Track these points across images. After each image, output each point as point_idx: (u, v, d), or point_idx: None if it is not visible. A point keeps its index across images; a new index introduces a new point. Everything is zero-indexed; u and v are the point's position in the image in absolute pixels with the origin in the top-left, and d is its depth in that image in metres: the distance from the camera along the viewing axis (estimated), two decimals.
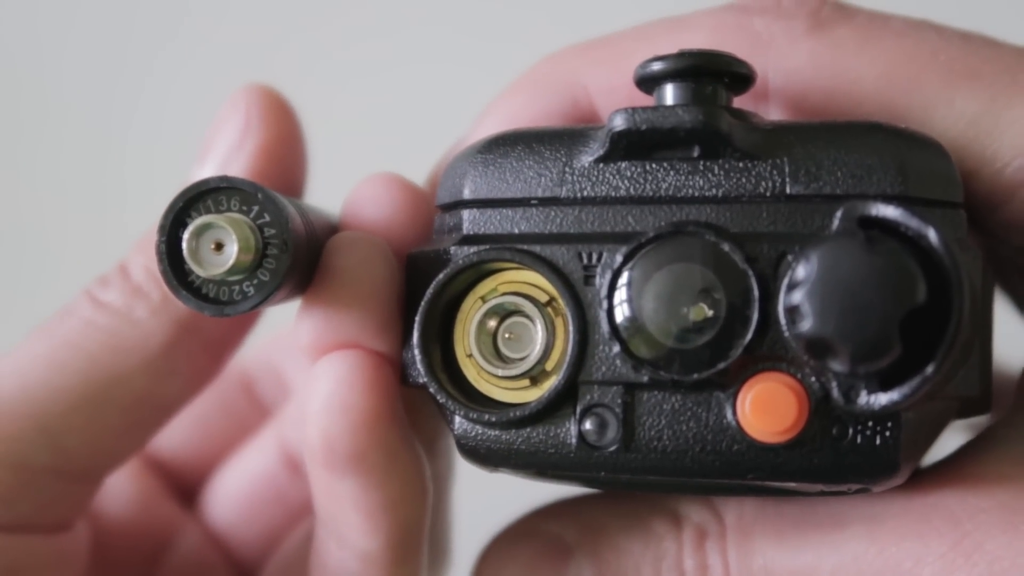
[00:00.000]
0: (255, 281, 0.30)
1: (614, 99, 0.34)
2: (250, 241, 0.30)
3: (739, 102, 0.32)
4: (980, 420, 0.34)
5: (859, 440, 0.28)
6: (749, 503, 0.33)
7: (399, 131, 0.63)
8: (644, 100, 0.32)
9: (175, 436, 0.44)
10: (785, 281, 0.27)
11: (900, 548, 0.30)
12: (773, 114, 0.34)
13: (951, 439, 0.32)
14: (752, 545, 0.32)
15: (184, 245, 0.30)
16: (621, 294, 0.29)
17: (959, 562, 0.29)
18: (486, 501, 0.45)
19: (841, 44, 0.32)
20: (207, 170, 0.35)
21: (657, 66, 0.30)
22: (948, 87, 0.31)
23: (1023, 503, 0.30)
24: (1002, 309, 0.37)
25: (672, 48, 0.31)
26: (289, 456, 0.43)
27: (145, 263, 0.34)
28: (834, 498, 0.33)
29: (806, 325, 0.26)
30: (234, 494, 0.44)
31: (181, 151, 0.37)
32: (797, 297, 0.26)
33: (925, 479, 0.31)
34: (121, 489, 0.42)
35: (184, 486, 0.45)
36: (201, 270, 0.30)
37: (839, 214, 0.27)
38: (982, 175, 0.31)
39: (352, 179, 0.34)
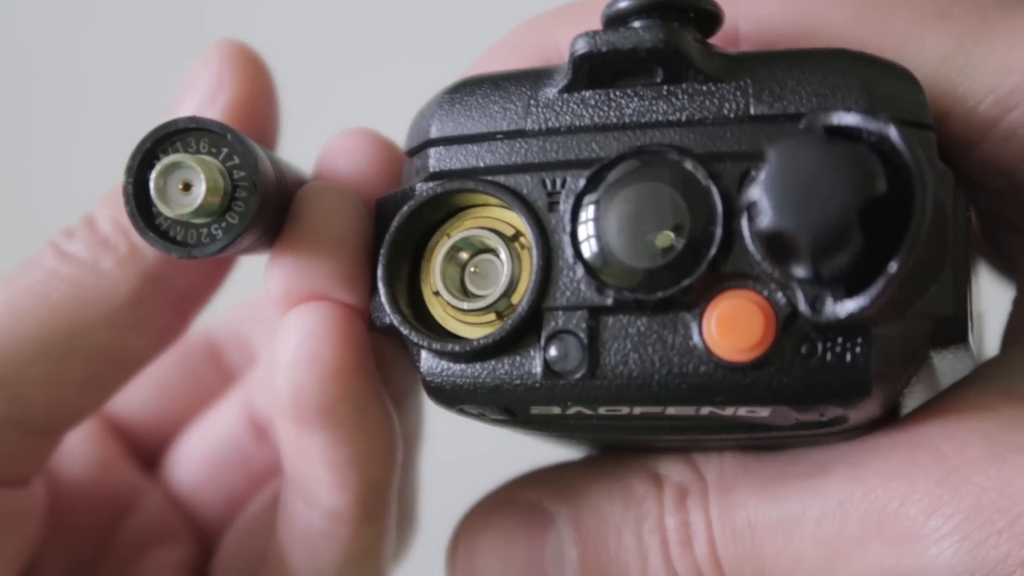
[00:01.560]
0: (223, 224, 0.30)
1: None
2: (219, 183, 0.30)
3: None
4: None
5: (828, 357, 0.27)
6: (730, 459, 0.32)
7: (385, 112, 0.64)
8: None
9: (138, 400, 0.43)
10: (745, 193, 0.27)
11: (886, 489, 0.29)
12: None
13: None
14: (734, 500, 0.31)
15: (152, 184, 0.30)
16: (584, 216, 0.28)
17: (946, 497, 0.28)
18: (458, 471, 0.44)
19: None
20: None
21: (623, 4, 0.30)
22: (919, 27, 0.31)
23: (1008, 433, 0.29)
24: (1001, 301, 0.36)
25: None
26: (255, 421, 0.43)
27: (112, 214, 0.33)
28: (817, 448, 0.32)
29: (765, 220, 0.26)
30: (197, 457, 0.43)
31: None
32: (755, 193, 0.26)
33: (909, 420, 0.30)
34: (80, 451, 0.41)
35: (146, 451, 0.44)
36: (168, 210, 0.29)
37: (800, 125, 0.27)
38: (956, 114, 0.31)
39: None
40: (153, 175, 0.29)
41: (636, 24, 0.30)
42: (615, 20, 0.31)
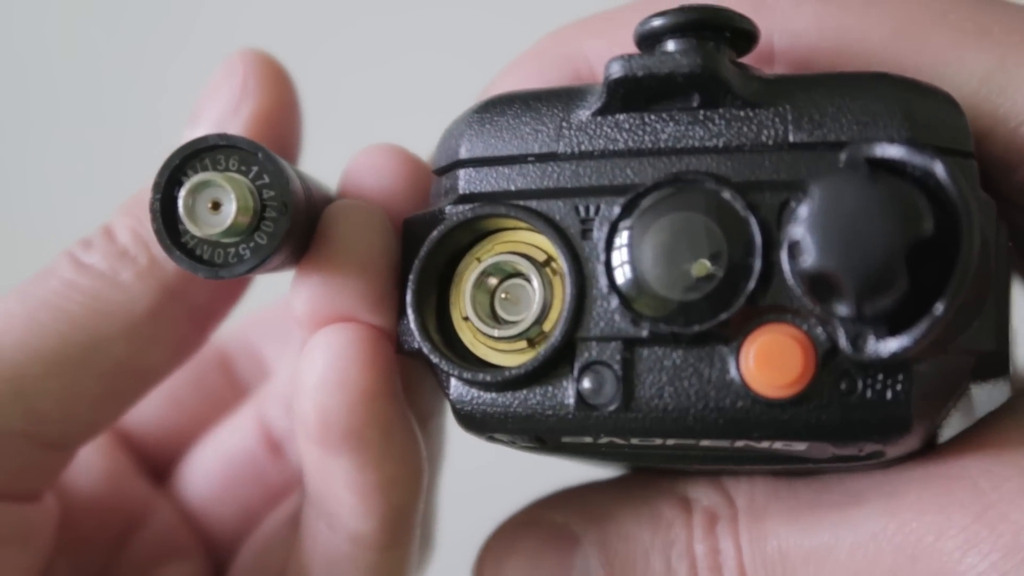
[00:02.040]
0: (251, 244, 0.29)
1: None
2: (248, 201, 0.29)
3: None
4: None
5: (868, 394, 0.27)
6: (760, 484, 0.32)
7: (397, 111, 0.63)
8: None
9: (148, 412, 0.43)
10: (787, 226, 0.26)
11: (921, 522, 0.29)
12: None
13: None
14: (765, 527, 0.31)
15: (180, 202, 0.29)
16: (619, 245, 0.28)
17: (983, 534, 0.28)
18: (477, 489, 0.44)
19: (846, 4, 0.32)
20: (200, 132, 0.35)
21: (657, 22, 0.30)
22: (958, 46, 0.31)
23: None
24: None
25: None
26: (269, 435, 0.42)
27: (132, 225, 0.33)
28: (850, 475, 0.31)
29: (808, 260, 0.25)
30: (210, 472, 0.43)
31: (174, 132, 0.36)
32: (798, 232, 0.25)
33: (945, 451, 0.30)
34: (91, 464, 0.40)
35: (156, 464, 0.44)
36: (197, 229, 0.29)
37: (842, 156, 0.26)
38: (996, 135, 0.30)
39: (348, 156, 0.34)
40: (182, 192, 0.29)
41: (672, 46, 0.29)
42: (649, 39, 0.30)
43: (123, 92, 0.77)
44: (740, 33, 0.30)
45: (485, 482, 0.33)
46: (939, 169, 0.25)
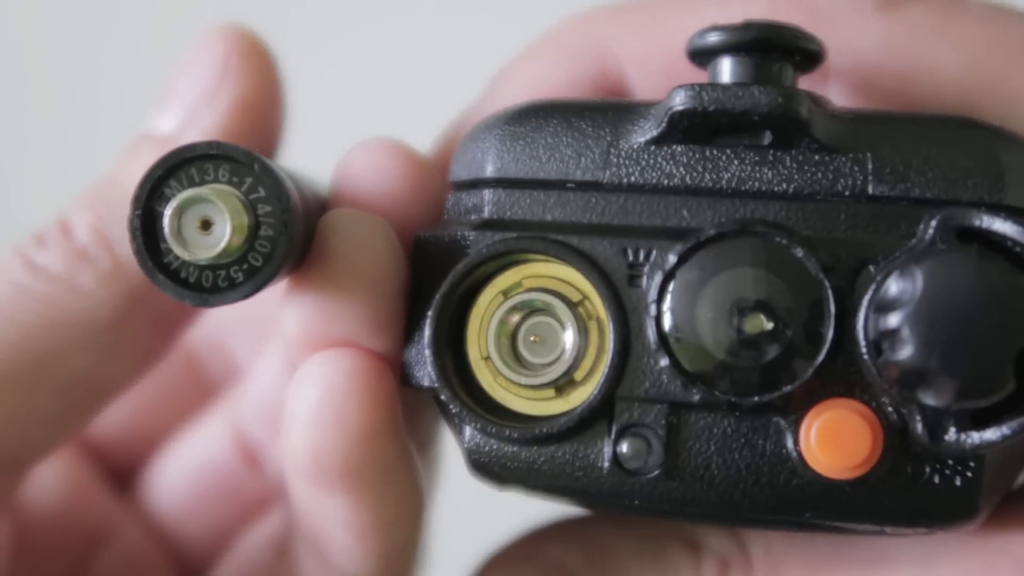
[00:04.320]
0: (245, 266, 0.26)
1: (650, 70, 0.30)
2: (243, 219, 0.25)
3: (799, 83, 0.28)
4: None
5: (936, 480, 0.25)
6: (777, 533, 0.30)
7: (387, 93, 0.58)
8: (688, 74, 0.28)
9: (110, 416, 0.38)
10: (867, 296, 0.24)
11: None
12: (834, 97, 0.30)
13: None
14: None
15: (166, 223, 0.25)
16: (673, 300, 0.25)
17: None
18: (471, 505, 0.41)
19: (916, 25, 0.29)
20: (168, 119, 0.30)
21: (716, 36, 0.26)
22: None
23: None
24: None
25: (720, 19, 0.27)
26: (244, 445, 0.39)
27: (92, 221, 0.29)
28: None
29: (906, 354, 0.23)
30: (179, 484, 0.39)
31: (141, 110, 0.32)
32: (895, 320, 0.23)
33: (988, 521, 0.28)
34: (49, 479, 0.37)
35: (119, 472, 0.40)
36: (186, 253, 0.25)
37: (934, 223, 0.24)
38: None
39: (331, 141, 0.30)
40: (168, 212, 0.25)
41: (729, 66, 0.26)
42: (705, 54, 0.27)
43: (87, 65, 0.69)
44: (807, 54, 0.27)
45: (481, 490, 0.30)
46: None
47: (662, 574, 0.30)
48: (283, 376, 0.35)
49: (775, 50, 0.26)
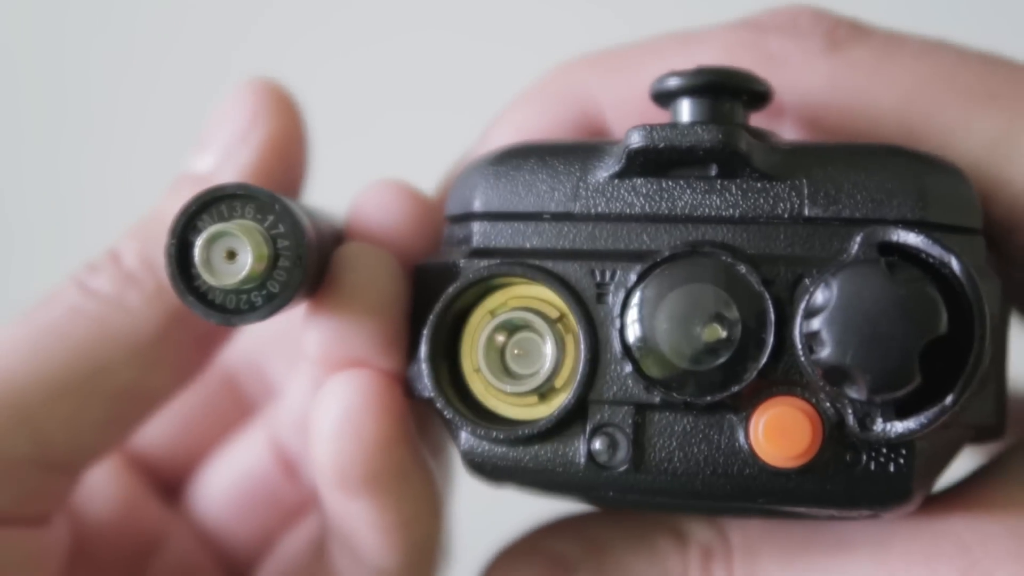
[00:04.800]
0: (264, 292, 0.29)
1: (625, 112, 0.34)
2: (263, 250, 0.29)
3: (754, 119, 0.31)
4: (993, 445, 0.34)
5: (872, 467, 0.28)
6: (754, 523, 0.33)
7: (399, 134, 0.62)
8: (658, 114, 0.32)
9: (155, 432, 0.43)
10: (802, 305, 0.27)
11: (908, 573, 0.30)
12: (787, 132, 0.33)
13: (962, 463, 0.32)
14: (758, 566, 0.32)
15: (196, 252, 0.29)
16: (634, 313, 0.28)
17: None
18: (485, 509, 0.45)
19: (858, 65, 0.32)
20: (206, 160, 0.34)
21: (674, 81, 0.30)
22: (966, 110, 0.31)
23: None
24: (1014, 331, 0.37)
25: (685, 64, 0.31)
26: (282, 456, 0.43)
27: (139, 249, 0.33)
28: (841, 520, 0.32)
29: (825, 353, 0.26)
30: (224, 493, 0.43)
31: (179, 147, 0.36)
32: (816, 324, 0.26)
33: (934, 504, 0.31)
34: (104, 488, 0.41)
35: (166, 484, 0.44)
36: (213, 279, 0.29)
37: (858, 239, 0.27)
38: (1000, 198, 0.31)
39: (349, 178, 0.34)
40: (198, 243, 0.29)
41: (687, 107, 0.30)
42: (665, 97, 0.30)
43: (124, 108, 0.74)
44: (755, 95, 0.30)
45: (493, 494, 0.33)
46: (955, 265, 0.26)
47: (652, 561, 0.33)
48: (311, 393, 0.39)
49: (725, 91, 0.30)
